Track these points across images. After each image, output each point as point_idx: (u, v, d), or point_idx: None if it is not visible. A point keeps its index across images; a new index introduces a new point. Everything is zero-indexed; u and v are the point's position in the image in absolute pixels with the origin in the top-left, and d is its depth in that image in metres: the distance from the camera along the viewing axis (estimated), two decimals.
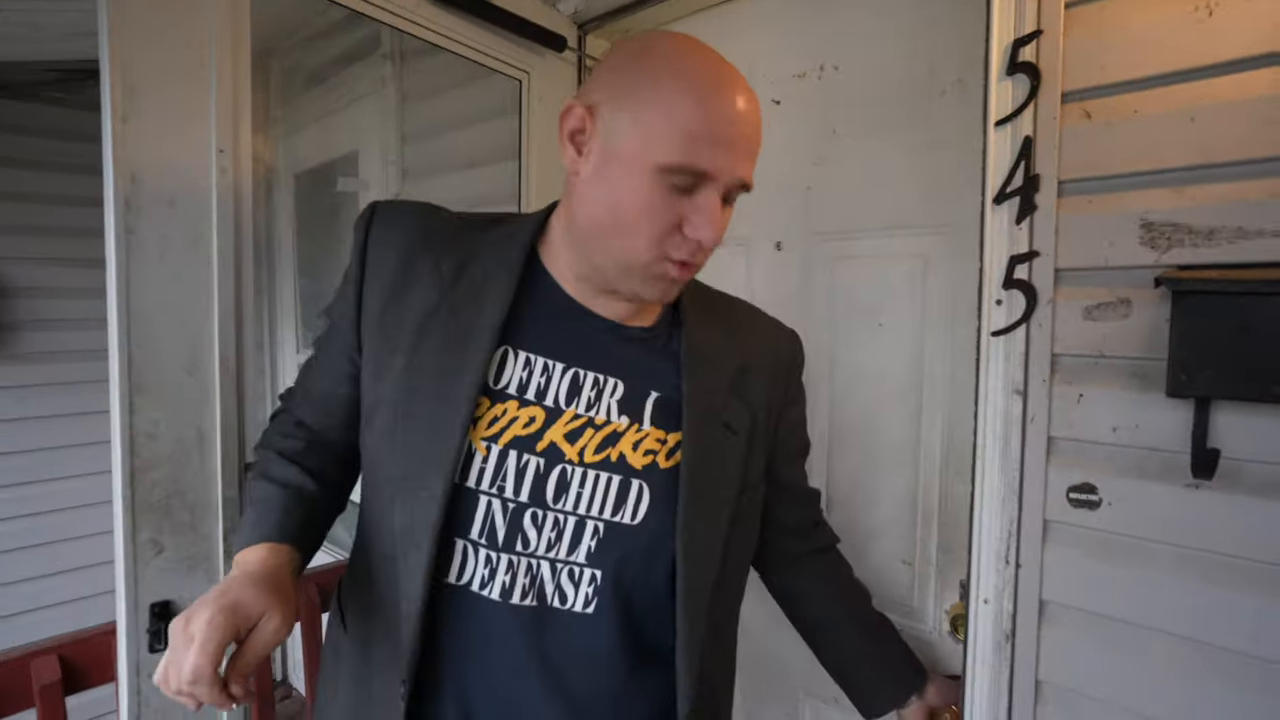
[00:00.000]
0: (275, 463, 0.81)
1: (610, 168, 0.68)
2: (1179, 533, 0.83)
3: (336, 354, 0.82)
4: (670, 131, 0.65)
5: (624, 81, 0.68)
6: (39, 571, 2.67)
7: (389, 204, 0.81)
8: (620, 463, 0.75)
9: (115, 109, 0.85)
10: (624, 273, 0.72)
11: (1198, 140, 0.82)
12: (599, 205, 0.70)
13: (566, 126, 0.70)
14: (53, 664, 1.28)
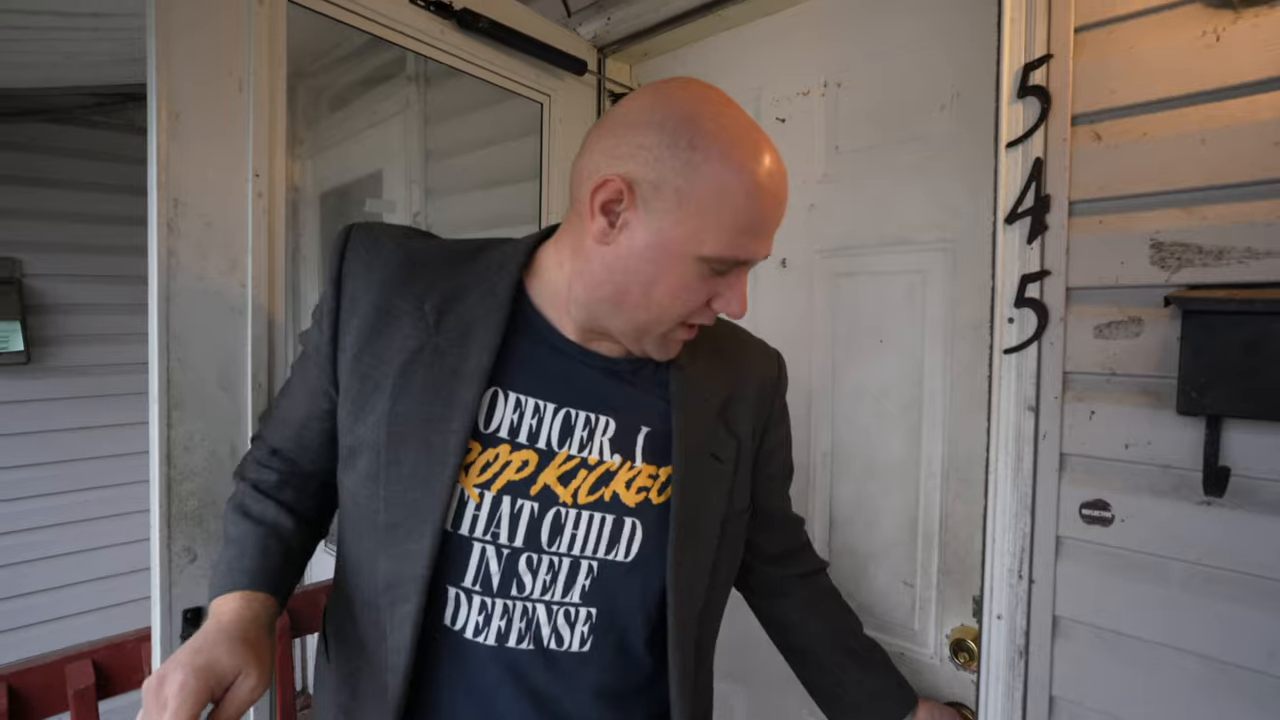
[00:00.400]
0: (251, 497, 0.80)
1: (650, 249, 0.68)
2: (1192, 549, 0.84)
3: (313, 385, 0.79)
4: (720, 227, 0.66)
5: (670, 165, 0.65)
6: (68, 580, 2.74)
7: (366, 230, 0.77)
8: (614, 502, 0.76)
9: (161, 135, 0.89)
10: (637, 337, 0.73)
11: (1208, 161, 0.83)
12: (629, 278, 0.69)
13: (600, 196, 0.68)
14: (87, 669, 1.32)
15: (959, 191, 1.17)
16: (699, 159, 0.65)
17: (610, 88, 1.67)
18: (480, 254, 0.79)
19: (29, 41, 1.82)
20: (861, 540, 1.31)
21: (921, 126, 1.22)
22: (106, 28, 1.74)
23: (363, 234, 0.77)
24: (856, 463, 1.32)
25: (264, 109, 1.00)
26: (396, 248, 0.76)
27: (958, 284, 1.19)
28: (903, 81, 1.24)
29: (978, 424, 1.11)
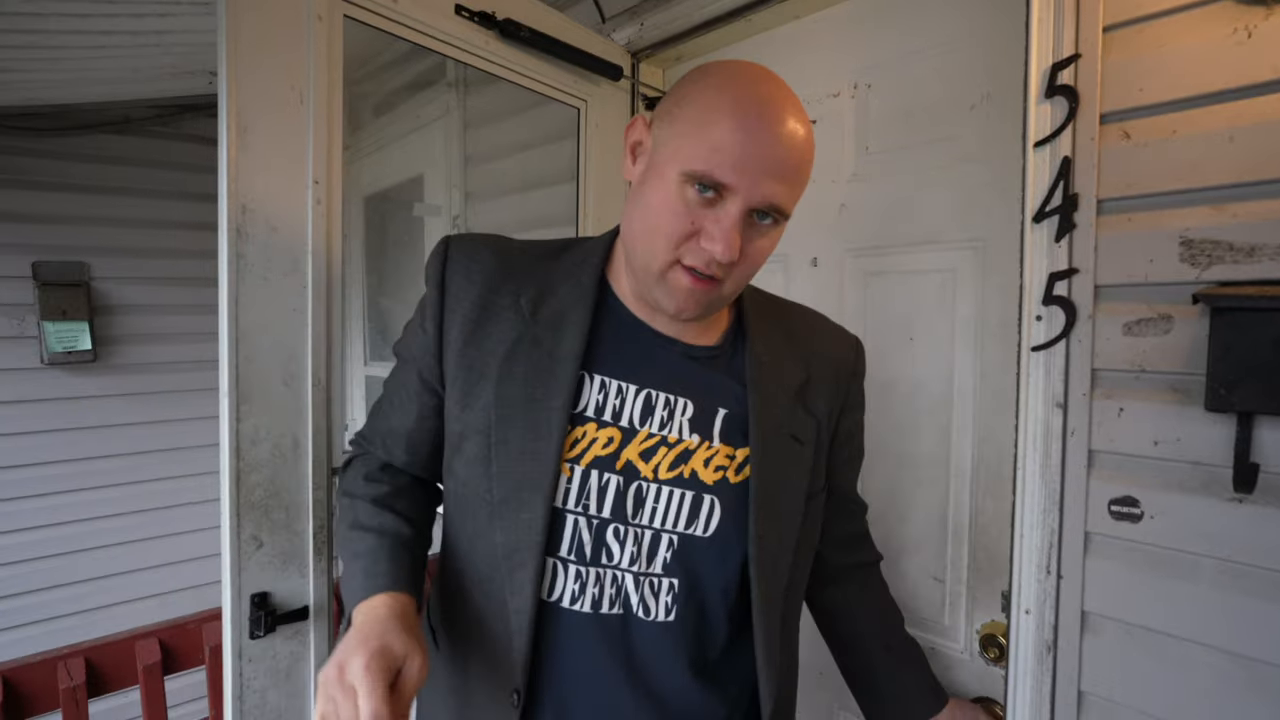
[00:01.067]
0: (368, 512, 0.84)
1: (649, 172, 0.73)
2: (1221, 546, 0.85)
3: (417, 389, 0.85)
4: (700, 142, 0.68)
5: (676, 97, 0.73)
6: (131, 566, 2.89)
7: (462, 239, 0.84)
8: (692, 479, 0.80)
9: (231, 148, 0.97)
10: (647, 278, 0.76)
11: (1238, 159, 0.83)
12: (635, 207, 0.75)
13: (630, 138, 0.77)
14: (154, 647, 1.42)
15: (989, 191, 1.18)
16: (698, 87, 0.71)
17: (643, 91, 1.71)
18: (565, 251, 0.86)
19: (102, 59, 1.94)
20: (892, 536, 1.33)
21: (951, 127, 1.23)
22: (169, 44, 1.85)
23: (461, 242, 0.84)
24: (887, 459, 1.34)
25: (323, 120, 1.07)
26: (491, 252, 0.84)
27: (987, 283, 1.20)
28: (932, 82, 1.26)
29: (1007, 421, 1.12)
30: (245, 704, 1.04)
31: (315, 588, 1.10)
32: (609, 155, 1.67)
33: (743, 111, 0.68)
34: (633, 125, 0.77)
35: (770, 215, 0.72)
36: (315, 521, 1.10)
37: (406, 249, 2.66)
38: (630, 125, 0.77)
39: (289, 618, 1.06)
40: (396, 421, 0.89)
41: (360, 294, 2.96)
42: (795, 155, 0.70)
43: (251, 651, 1.04)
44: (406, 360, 0.86)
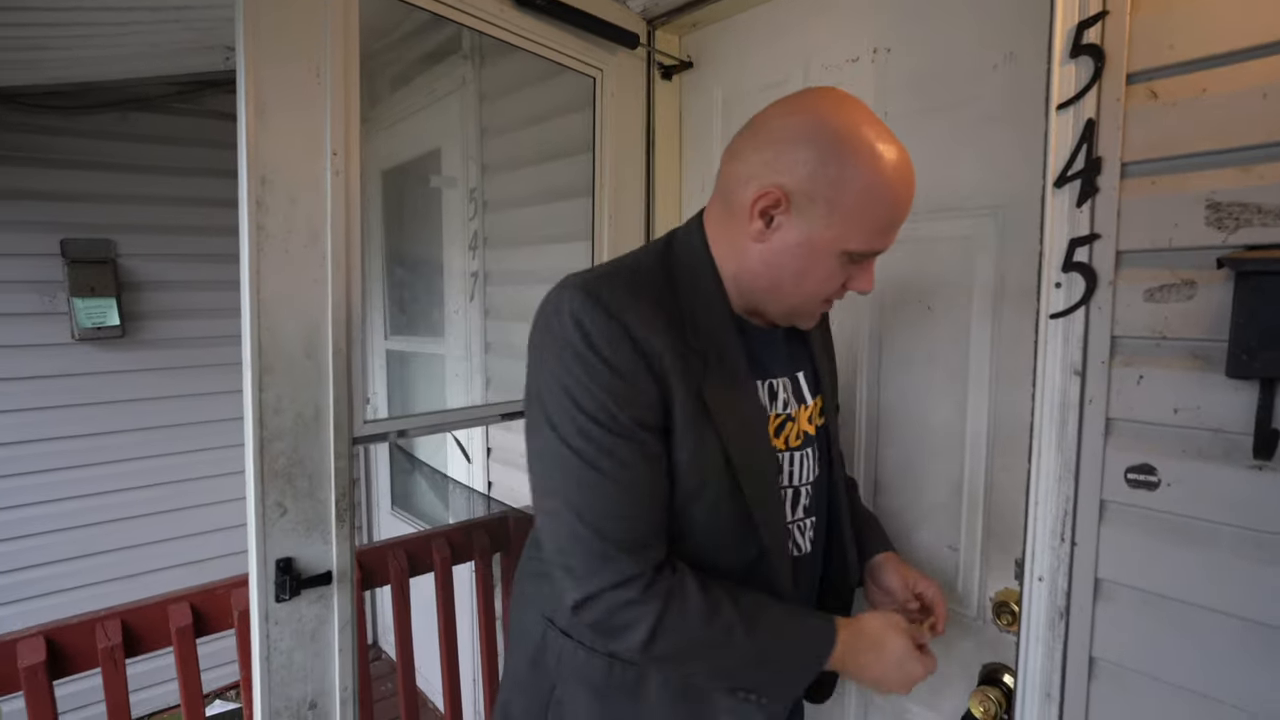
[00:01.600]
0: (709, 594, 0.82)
1: (802, 247, 0.82)
2: (1241, 513, 0.84)
3: (653, 462, 0.80)
4: (865, 229, 0.81)
5: (823, 179, 0.78)
6: (163, 535, 2.98)
7: (601, 292, 0.79)
8: (804, 441, 0.97)
9: (250, 121, 0.98)
10: (788, 315, 0.91)
11: (1270, 117, 0.81)
12: (783, 272, 0.85)
13: (761, 204, 0.81)
14: (185, 611, 1.47)
15: (1011, 155, 1.16)
16: (849, 175, 0.78)
17: (659, 59, 1.69)
18: (675, 273, 0.88)
19: (124, 36, 1.96)
20: (908, 504, 1.33)
21: (973, 89, 1.20)
22: (189, 19, 1.86)
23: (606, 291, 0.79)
24: (903, 428, 1.33)
25: (339, 92, 1.07)
26: (635, 290, 0.82)
27: (1007, 250, 1.18)
28: (953, 44, 1.23)
29: (1023, 390, 1.11)
30: (272, 664, 1.08)
31: (338, 554, 1.13)
32: (625, 124, 1.66)
33: (895, 195, 0.80)
34: (764, 194, 0.80)
35: None
36: (337, 489, 1.12)
37: (424, 222, 2.67)
38: (762, 194, 0.81)
39: (313, 582, 1.10)
40: (653, 506, 0.81)
41: (380, 267, 2.99)
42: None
43: (278, 614, 1.08)
44: (621, 429, 0.78)
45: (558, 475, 0.79)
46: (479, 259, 2.28)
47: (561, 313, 0.79)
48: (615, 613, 0.78)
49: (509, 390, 2.24)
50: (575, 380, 0.77)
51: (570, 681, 0.92)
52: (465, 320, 2.35)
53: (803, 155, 0.78)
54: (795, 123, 0.80)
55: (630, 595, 0.77)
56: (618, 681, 0.90)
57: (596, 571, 0.77)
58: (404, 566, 1.69)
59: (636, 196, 1.71)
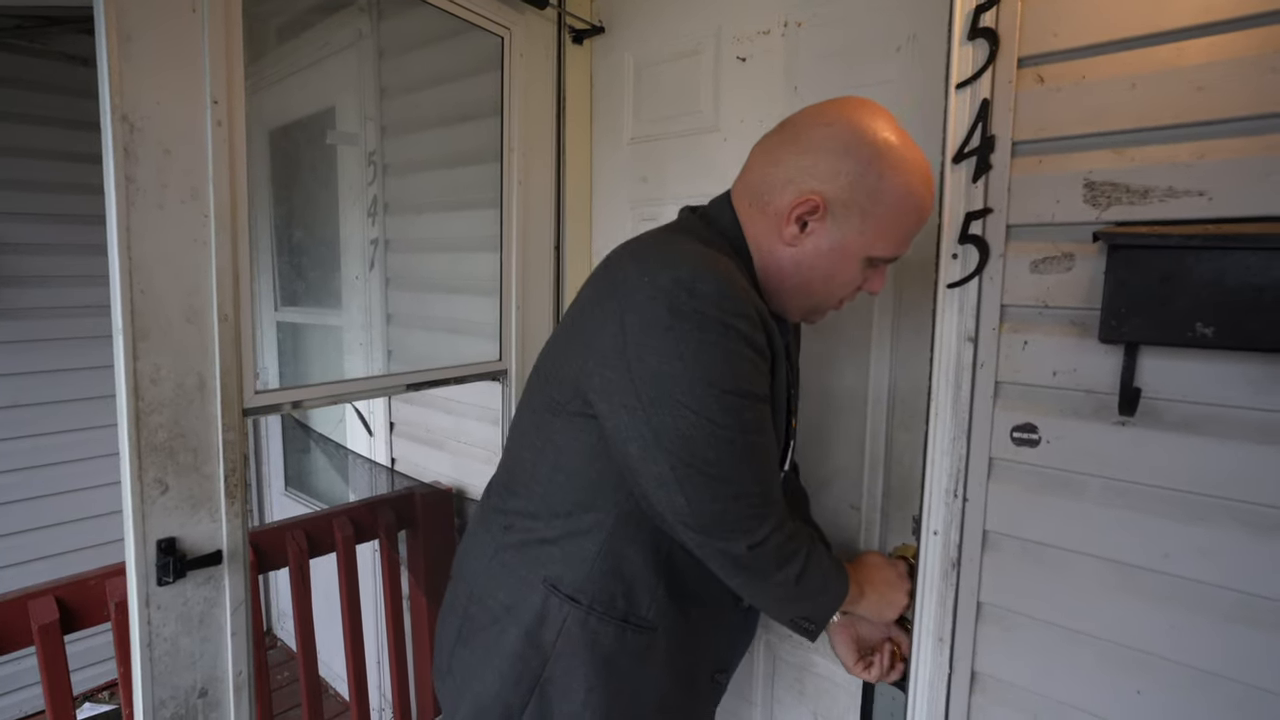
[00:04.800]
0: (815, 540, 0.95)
1: (834, 252, 0.88)
2: (1107, 466, 0.92)
3: (769, 421, 0.86)
4: (894, 237, 0.88)
5: (861, 190, 0.85)
6: (19, 527, 2.69)
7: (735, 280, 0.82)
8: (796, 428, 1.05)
9: (112, 57, 0.87)
10: (805, 313, 0.97)
11: (1137, 105, 0.88)
12: (813, 274, 0.90)
13: (799, 211, 0.86)
14: (50, 605, 1.34)
15: (913, 132, 1.19)
16: (885, 187, 0.85)
17: (570, 22, 1.65)
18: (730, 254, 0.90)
19: None
20: (814, 467, 1.39)
21: (878, 68, 1.24)
22: None
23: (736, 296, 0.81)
24: (811, 394, 1.38)
25: (219, 33, 0.97)
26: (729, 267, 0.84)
27: None
28: (861, 23, 1.26)
29: (922, 356, 1.18)
30: (155, 651, 1.00)
31: (229, 532, 1.06)
32: (535, 88, 1.61)
33: (922, 211, 0.88)
34: (804, 201, 0.86)
35: None
36: (226, 464, 1.04)
37: (318, 186, 2.50)
38: (801, 201, 0.86)
39: (200, 563, 1.02)
40: (774, 460, 0.89)
41: (268, 234, 2.78)
42: None
43: (161, 599, 1.00)
44: (756, 398, 0.82)
45: (712, 448, 0.80)
46: (379, 225, 2.16)
47: (697, 293, 0.78)
48: (778, 551, 0.87)
49: (412, 361, 2.16)
50: (720, 358, 0.79)
51: (568, 656, 0.90)
52: (365, 289, 2.23)
53: (843, 166, 0.84)
54: (834, 133, 0.85)
55: (783, 538, 0.87)
56: (629, 646, 0.91)
57: (762, 521, 0.85)
58: (303, 547, 1.60)
59: (547, 162, 1.67)
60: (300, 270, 2.73)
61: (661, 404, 0.79)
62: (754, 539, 0.84)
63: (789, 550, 0.88)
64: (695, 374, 0.77)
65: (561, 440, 0.89)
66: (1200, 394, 0.85)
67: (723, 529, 0.83)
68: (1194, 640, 0.88)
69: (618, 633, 0.90)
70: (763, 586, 0.89)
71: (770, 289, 0.93)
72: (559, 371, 0.90)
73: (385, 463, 2.25)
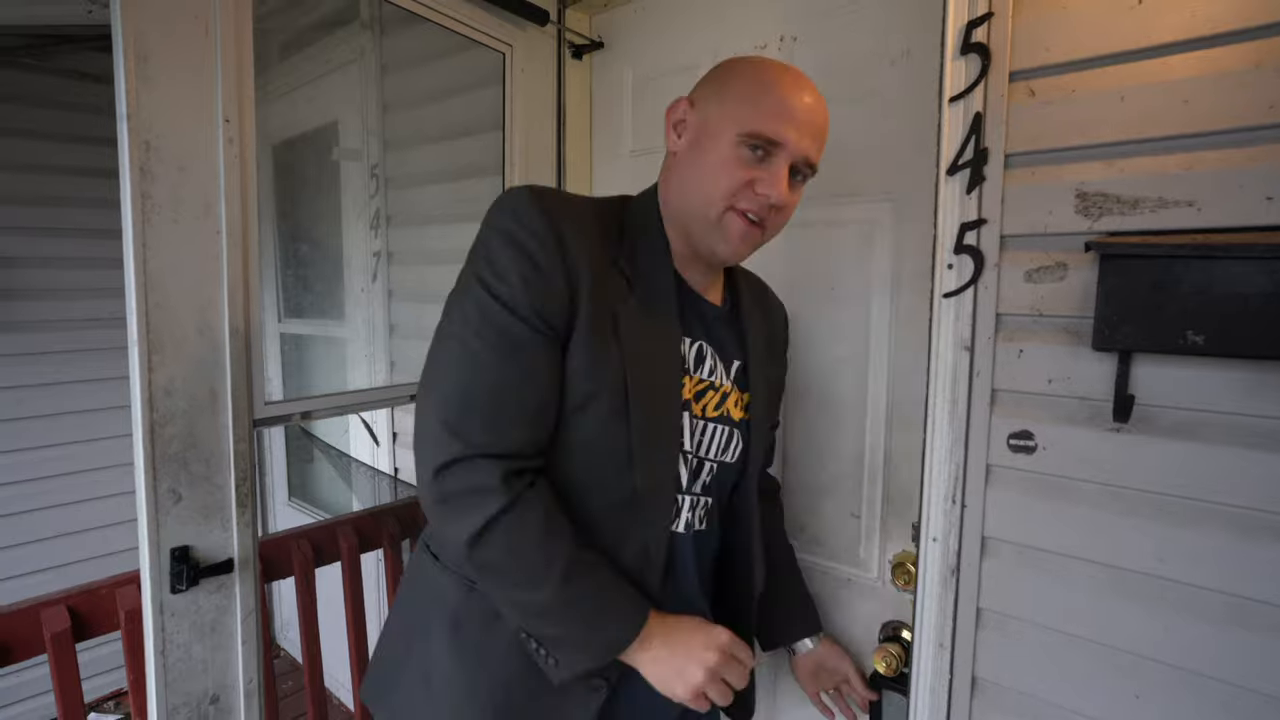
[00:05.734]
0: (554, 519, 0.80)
1: (701, 140, 0.88)
2: (1101, 471, 0.94)
3: (545, 350, 0.80)
4: (753, 109, 0.85)
5: (717, 78, 0.90)
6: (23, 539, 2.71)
7: (543, 192, 0.82)
8: (727, 417, 0.97)
9: (130, 78, 0.90)
10: (704, 226, 0.89)
11: (1126, 118, 0.90)
12: (690, 168, 0.89)
13: (672, 118, 0.91)
14: (62, 614, 1.35)
15: (906, 145, 1.23)
16: (738, 68, 0.89)
17: (570, 38, 1.68)
18: (624, 213, 0.93)
19: None
20: (813, 475, 1.40)
21: (873, 82, 1.27)
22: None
23: (548, 195, 0.84)
24: (808, 404, 1.40)
25: (231, 53, 1.00)
26: (582, 209, 0.87)
27: (904, 234, 1.26)
28: (855, 38, 1.29)
29: (919, 364, 1.19)
30: (169, 659, 1.02)
31: (240, 541, 1.07)
32: (535, 102, 1.64)
33: (785, 84, 0.86)
34: (675, 106, 0.91)
35: (801, 173, 0.90)
36: (237, 474, 1.06)
37: (320, 200, 2.53)
38: (673, 106, 0.91)
39: (212, 571, 1.04)
40: (530, 396, 0.79)
41: (272, 245, 2.81)
42: (822, 118, 0.89)
43: (174, 606, 1.01)
44: (520, 316, 0.78)
45: (456, 353, 0.79)
46: (382, 238, 2.19)
47: (503, 205, 0.82)
48: (464, 491, 0.76)
49: (415, 372, 2.17)
50: (490, 264, 0.80)
51: (430, 611, 0.90)
52: (368, 301, 2.25)
53: (708, 76, 0.92)
54: (718, 65, 0.93)
55: (484, 479, 0.75)
56: (475, 609, 0.86)
57: (469, 439, 0.76)
58: (309, 556, 1.61)
59: (547, 176, 1.69)
60: (303, 282, 2.75)
61: (445, 314, 0.85)
62: (450, 453, 0.75)
63: (474, 501, 0.75)
64: (469, 270, 0.82)
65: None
66: (1192, 400, 0.87)
67: (417, 448, 0.78)
68: (1189, 643, 0.89)
69: (466, 591, 0.86)
70: (445, 536, 0.83)
71: (670, 212, 0.93)
72: None
73: (388, 472, 2.27)
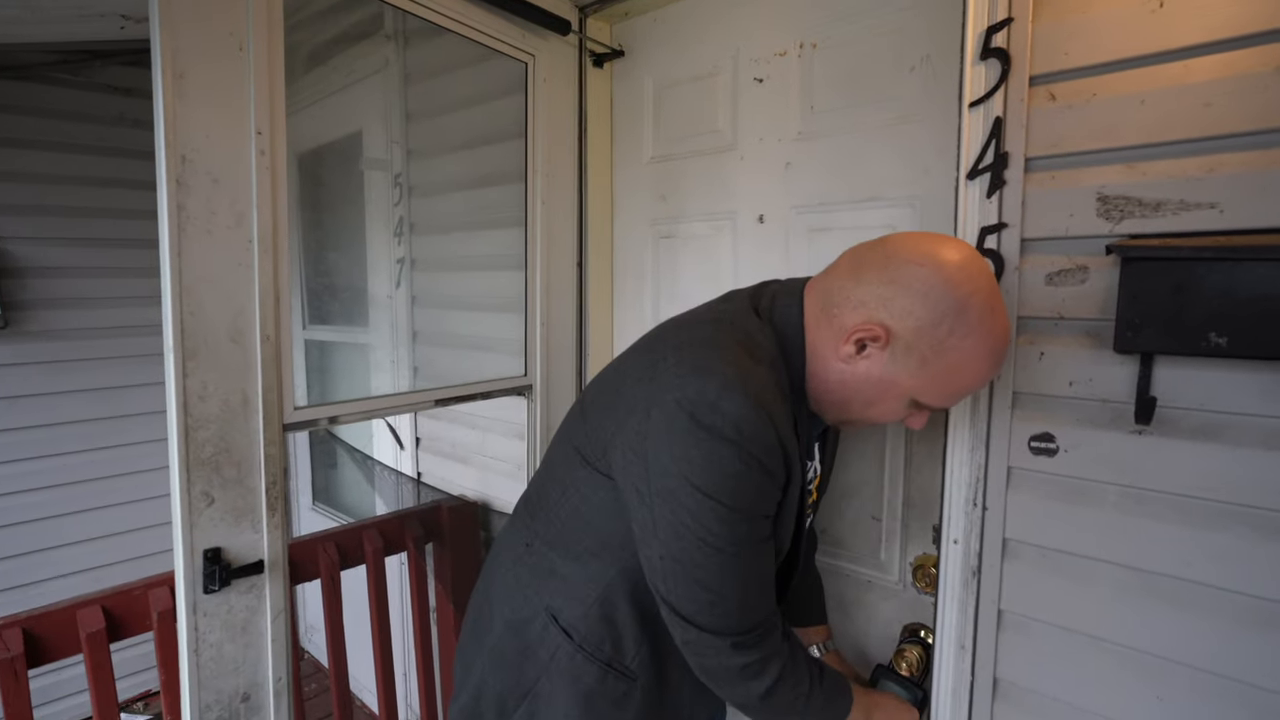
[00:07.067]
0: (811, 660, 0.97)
1: (881, 382, 0.86)
2: (1124, 474, 0.94)
3: (769, 538, 0.89)
4: (945, 392, 0.86)
5: (928, 339, 0.82)
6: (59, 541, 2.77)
7: (765, 401, 0.82)
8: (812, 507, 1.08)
9: (167, 94, 0.93)
10: (840, 422, 0.97)
11: (1147, 121, 0.90)
12: (855, 395, 0.89)
13: (859, 334, 0.85)
14: (97, 614, 1.39)
15: (927, 150, 1.24)
16: (952, 345, 0.82)
17: (591, 47, 1.70)
18: (780, 352, 0.91)
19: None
20: (835, 480, 1.41)
21: (893, 87, 1.28)
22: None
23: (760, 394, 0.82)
24: None
25: (264, 68, 1.03)
26: (773, 391, 0.85)
27: None
28: (875, 43, 1.30)
29: None
30: (201, 657, 1.04)
31: (270, 542, 1.10)
32: (557, 111, 1.66)
33: (984, 374, 0.85)
34: (868, 328, 0.84)
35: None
36: (268, 478, 1.09)
37: (345, 208, 2.58)
38: (865, 327, 0.84)
39: (243, 572, 1.06)
40: (769, 571, 0.91)
41: (298, 252, 2.86)
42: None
43: (206, 606, 1.04)
44: (759, 518, 0.86)
45: (700, 553, 0.83)
46: (405, 245, 2.22)
47: (720, 410, 0.79)
48: (744, 666, 0.88)
49: (439, 378, 2.21)
50: (729, 475, 0.80)
51: (557, 679, 0.95)
52: (392, 308, 2.29)
53: (918, 309, 0.82)
54: (923, 275, 0.82)
55: (755, 656, 0.88)
56: (609, 689, 0.95)
57: (732, 631, 0.86)
58: (334, 559, 1.65)
59: (569, 183, 1.71)
60: (329, 289, 2.80)
61: (665, 499, 0.82)
62: (720, 644, 0.86)
63: (757, 668, 0.88)
64: (700, 482, 0.80)
65: (586, 489, 0.94)
66: (1215, 402, 0.87)
67: (694, 625, 0.86)
68: (1212, 646, 0.88)
69: (600, 674, 0.95)
70: (723, 689, 0.92)
71: (813, 393, 0.93)
72: (595, 427, 0.93)
73: (412, 476, 2.30)
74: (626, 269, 1.79)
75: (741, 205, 1.52)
